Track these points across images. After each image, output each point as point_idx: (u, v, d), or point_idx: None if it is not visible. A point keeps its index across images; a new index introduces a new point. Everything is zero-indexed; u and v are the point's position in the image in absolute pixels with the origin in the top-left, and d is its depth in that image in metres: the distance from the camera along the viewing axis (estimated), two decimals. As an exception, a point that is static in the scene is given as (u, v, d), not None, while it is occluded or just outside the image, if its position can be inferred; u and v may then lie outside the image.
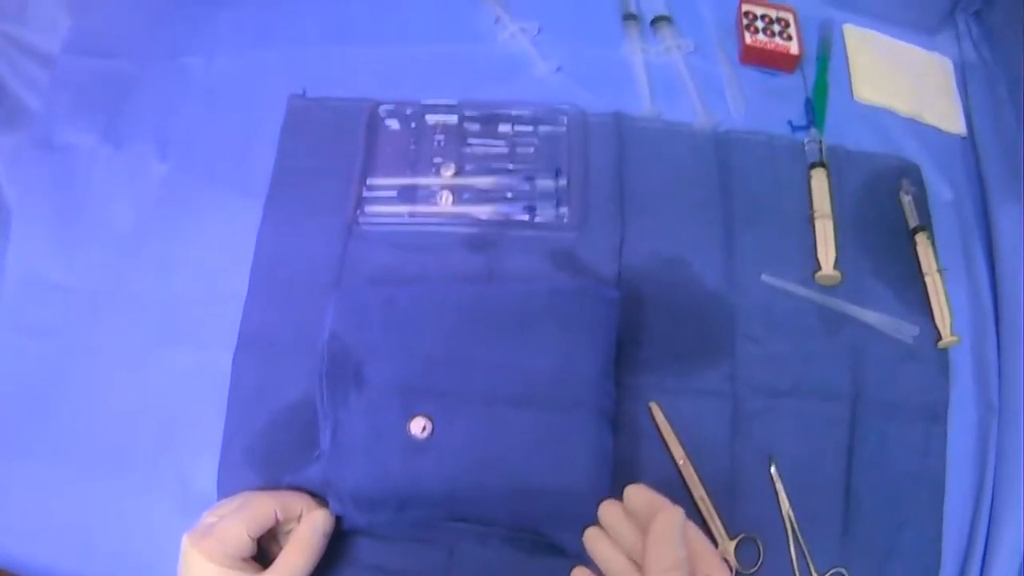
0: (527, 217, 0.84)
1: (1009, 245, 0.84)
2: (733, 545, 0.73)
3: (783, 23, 0.96)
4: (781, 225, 0.86)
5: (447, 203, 0.85)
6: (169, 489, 0.77)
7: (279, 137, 0.89)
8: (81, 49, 0.98)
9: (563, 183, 0.86)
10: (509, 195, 0.85)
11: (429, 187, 0.86)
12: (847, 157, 0.90)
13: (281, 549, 0.68)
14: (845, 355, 0.80)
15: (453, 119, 0.89)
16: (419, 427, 0.71)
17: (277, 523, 0.69)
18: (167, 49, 0.97)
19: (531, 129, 0.89)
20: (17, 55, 0.97)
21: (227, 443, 0.77)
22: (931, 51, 1.01)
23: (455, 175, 0.86)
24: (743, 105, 0.92)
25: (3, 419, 0.81)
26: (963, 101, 0.98)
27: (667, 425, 0.76)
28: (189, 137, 0.91)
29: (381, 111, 0.89)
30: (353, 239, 0.84)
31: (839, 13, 1.01)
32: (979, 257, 0.87)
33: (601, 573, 0.65)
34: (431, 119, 0.89)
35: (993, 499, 0.76)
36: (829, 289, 0.83)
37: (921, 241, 0.85)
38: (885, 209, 0.88)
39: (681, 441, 0.76)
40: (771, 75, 0.95)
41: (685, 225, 0.85)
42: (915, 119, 0.94)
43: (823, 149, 0.88)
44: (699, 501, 0.74)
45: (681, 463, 0.75)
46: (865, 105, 0.95)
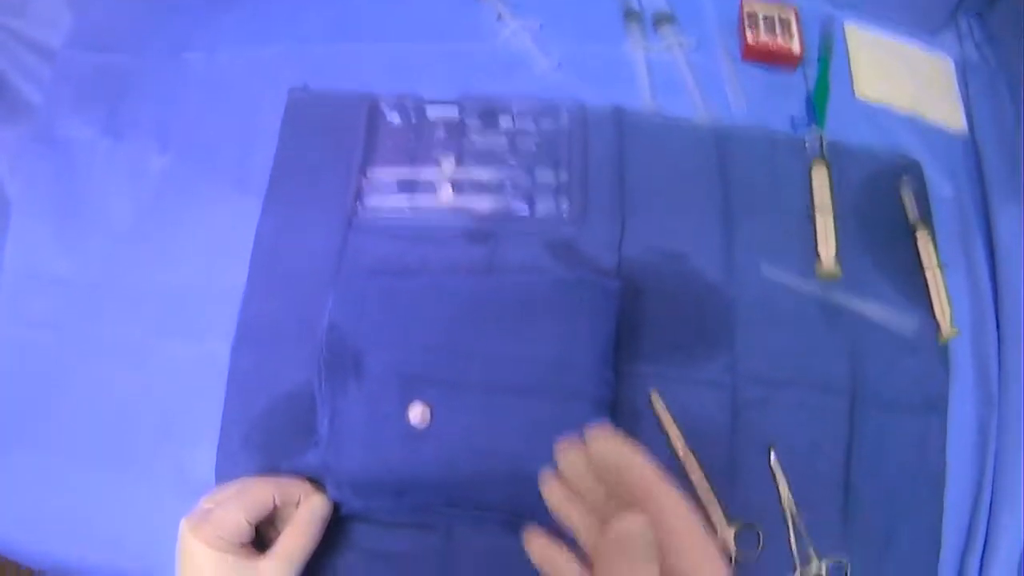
0: (527, 210, 0.84)
1: (1009, 241, 0.85)
2: (732, 532, 0.73)
3: (785, 21, 0.96)
4: (781, 219, 0.86)
5: (447, 196, 0.85)
6: (168, 478, 0.78)
7: (279, 129, 0.89)
8: (82, 44, 0.98)
9: (563, 177, 0.86)
10: (509, 188, 0.85)
11: (429, 180, 0.86)
12: (848, 154, 0.89)
13: (279, 534, 0.68)
14: (844, 348, 0.80)
15: (454, 114, 0.89)
16: (418, 416, 0.71)
17: (275, 508, 0.69)
18: (168, 44, 0.97)
19: (531, 123, 0.89)
20: (18, 49, 0.98)
21: (225, 430, 0.78)
22: (933, 51, 1.01)
23: (455, 167, 0.86)
24: (744, 102, 0.92)
25: (3, 410, 0.82)
26: (964, 100, 0.98)
27: (667, 414, 0.76)
28: (189, 130, 0.92)
29: (382, 105, 0.90)
30: (353, 231, 0.84)
31: (840, 12, 1.00)
32: (979, 253, 0.87)
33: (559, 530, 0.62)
34: (432, 113, 0.89)
35: (993, 491, 0.77)
36: (829, 282, 0.83)
37: (921, 236, 0.85)
38: (886, 205, 0.88)
39: (681, 430, 0.76)
40: (772, 72, 0.95)
41: (685, 219, 0.85)
42: (916, 117, 0.94)
43: (824, 145, 0.88)
44: (699, 488, 0.74)
45: (681, 452, 0.75)
46: (866, 103, 0.95)
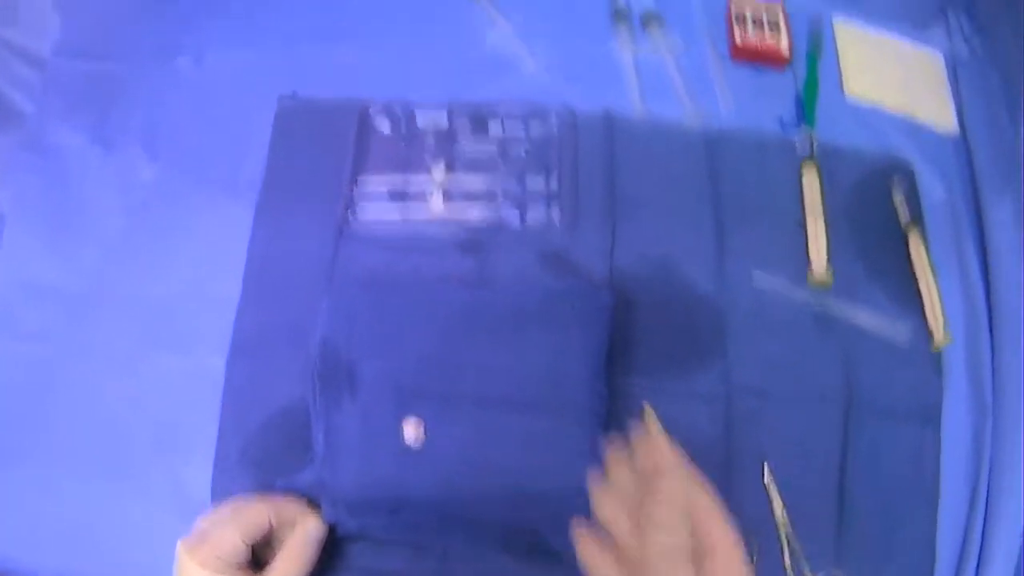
0: (518, 219, 0.84)
1: (1002, 243, 0.85)
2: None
3: (773, 19, 0.95)
4: (772, 224, 0.86)
5: (438, 204, 0.85)
6: (163, 492, 0.78)
7: (270, 138, 0.89)
8: (71, 52, 0.97)
9: (553, 184, 0.85)
10: (500, 196, 0.85)
11: (420, 188, 0.86)
12: (838, 155, 0.89)
13: (275, 555, 0.68)
14: (838, 357, 0.80)
15: (443, 120, 0.89)
16: (412, 433, 0.71)
17: (271, 529, 0.69)
18: (156, 50, 0.96)
19: (521, 130, 0.88)
20: (8, 57, 0.97)
21: (221, 446, 0.78)
22: (922, 46, 1.00)
23: (446, 175, 0.86)
24: (733, 102, 0.92)
25: (-4, 422, 0.82)
26: (955, 96, 0.97)
27: (659, 426, 0.76)
28: (179, 138, 0.91)
29: (371, 112, 0.89)
30: (344, 240, 0.84)
31: (829, 8, 1.00)
32: (971, 255, 0.87)
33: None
34: (421, 120, 0.89)
35: (988, 500, 0.77)
36: (821, 290, 0.83)
37: (913, 239, 0.85)
38: (877, 207, 0.88)
39: (674, 442, 0.75)
40: (761, 72, 0.95)
41: (676, 225, 0.85)
42: (907, 116, 0.94)
43: (814, 146, 0.88)
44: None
45: (674, 466, 0.75)
46: (856, 102, 0.94)
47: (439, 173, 0.86)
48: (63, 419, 0.81)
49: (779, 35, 0.94)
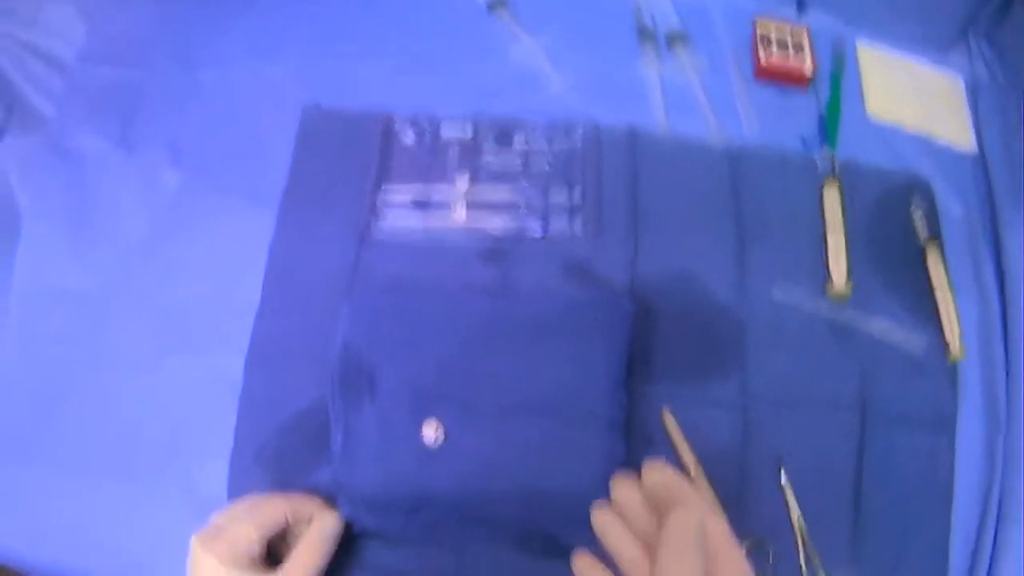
0: (540, 230, 0.85)
1: (1018, 259, 0.85)
2: (743, 550, 0.73)
3: (797, 41, 0.97)
4: (793, 239, 0.86)
5: (461, 215, 0.86)
6: (178, 492, 0.78)
7: (293, 147, 0.90)
8: (95, 58, 0.99)
9: (577, 197, 0.86)
10: (523, 208, 0.86)
11: (443, 199, 0.87)
12: (859, 173, 0.90)
13: (290, 551, 0.68)
14: (855, 367, 0.81)
15: (468, 132, 0.90)
16: (431, 434, 0.72)
17: (287, 525, 0.69)
18: (180, 59, 0.98)
19: (545, 143, 0.89)
20: (30, 60, 0.98)
21: (238, 447, 0.78)
22: (943, 69, 1.02)
23: (469, 186, 0.87)
24: (756, 122, 0.93)
25: (15, 423, 0.82)
26: (974, 118, 0.98)
27: (679, 432, 0.77)
28: (202, 145, 0.92)
29: (396, 123, 0.90)
30: (366, 249, 0.84)
31: (852, 31, 1.01)
32: (988, 272, 0.88)
33: (606, 556, 0.62)
34: (446, 132, 0.90)
35: (999, 509, 0.77)
36: (840, 302, 0.83)
37: (932, 256, 0.85)
38: (896, 224, 0.88)
39: (692, 449, 0.76)
40: (784, 92, 0.96)
41: (697, 239, 0.85)
42: (926, 136, 0.95)
43: (835, 165, 0.89)
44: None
45: (692, 470, 0.75)
46: (877, 122, 0.95)
47: (463, 184, 0.87)
48: (80, 420, 0.81)
49: (803, 57, 0.95)
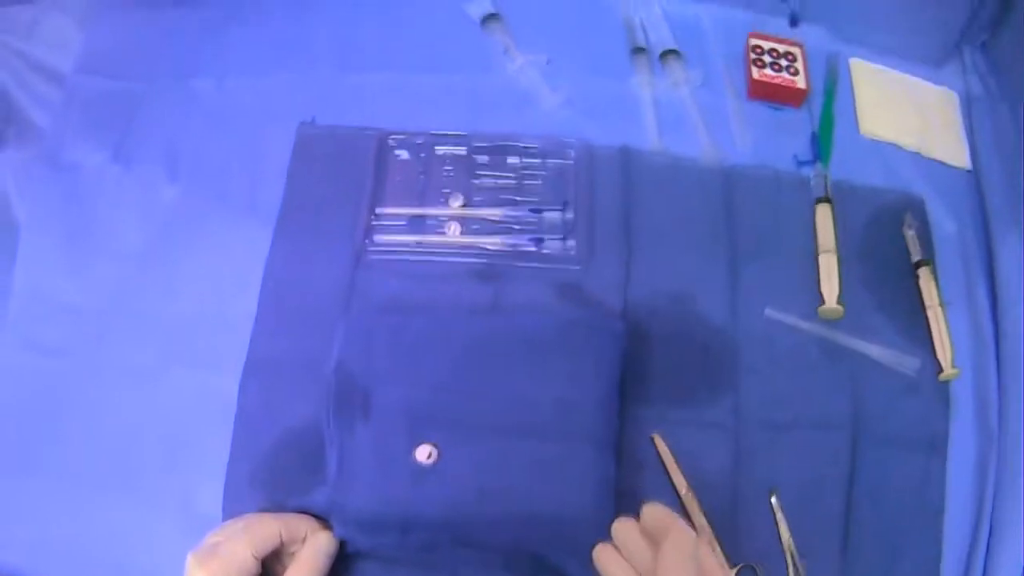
0: (534, 249, 0.85)
1: (1011, 277, 0.85)
2: (734, 574, 0.73)
3: (791, 57, 0.97)
4: (785, 259, 0.86)
5: (455, 233, 0.86)
6: (174, 509, 0.78)
7: (288, 164, 0.90)
8: (92, 69, 0.99)
9: (570, 216, 0.87)
10: (516, 227, 0.86)
11: (437, 217, 0.87)
12: (852, 192, 0.90)
13: (285, 570, 0.69)
14: (846, 387, 0.81)
15: (462, 150, 0.90)
16: (425, 454, 0.72)
17: (281, 544, 0.69)
18: (177, 71, 0.98)
19: (539, 162, 0.90)
20: (27, 72, 0.99)
21: (233, 465, 0.78)
22: (937, 84, 1.01)
23: (463, 206, 0.87)
24: (749, 140, 0.93)
25: (10, 436, 0.82)
26: (968, 133, 0.98)
27: (670, 455, 0.77)
28: (198, 159, 0.92)
29: (390, 141, 0.91)
30: (361, 267, 0.85)
31: (846, 47, 1.01)
32: (981, 289, 0.87)
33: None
34: (440, 150, 0.90)
35: (991, 530, 0.77)
36: (832, 322, 0.83)
37: (924, 275, 0.85)
38: (888, 243, 0.88)
39: (683, 472, 0.76)
40: (778, 109, 0.96)
41: (690, 259, 0.86)
42: (920, 153, 0.95)
43: (828, 184, 0.89)
44: (701, 531, 0.74)
45: (683, 493, 0.75)
46: (870, 140, 0.95)
47: (457, 203, 0.87)
48: (77, 433, 0.81)
49: (797, 72, 0.95)
